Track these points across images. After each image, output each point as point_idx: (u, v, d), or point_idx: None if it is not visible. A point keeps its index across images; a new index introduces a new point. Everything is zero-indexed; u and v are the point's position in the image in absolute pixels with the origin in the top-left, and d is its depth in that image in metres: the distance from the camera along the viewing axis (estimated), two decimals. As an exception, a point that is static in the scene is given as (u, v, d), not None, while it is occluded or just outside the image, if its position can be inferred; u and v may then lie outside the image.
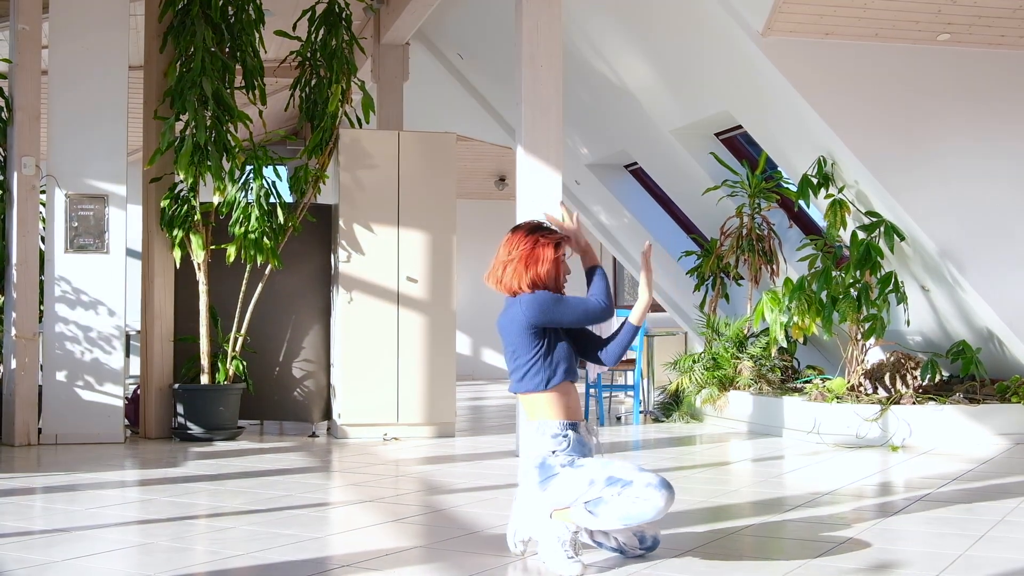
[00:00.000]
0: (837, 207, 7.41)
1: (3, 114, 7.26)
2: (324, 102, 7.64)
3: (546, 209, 3.87)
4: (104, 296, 7.13)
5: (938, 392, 7.25)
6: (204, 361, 7.35)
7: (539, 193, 6.42)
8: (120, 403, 7.12)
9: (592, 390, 8.94)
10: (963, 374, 7.23)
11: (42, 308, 7.15)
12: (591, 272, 3.80)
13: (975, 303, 7.15)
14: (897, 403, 6.94)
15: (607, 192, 10.65)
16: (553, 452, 3.61)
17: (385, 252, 7.47)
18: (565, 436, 3.62)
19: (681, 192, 9.78)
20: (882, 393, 7.13)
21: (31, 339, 6.99)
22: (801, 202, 7.59)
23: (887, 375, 7.19)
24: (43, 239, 7.23)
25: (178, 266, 7.42)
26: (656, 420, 8.73)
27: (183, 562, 3.66)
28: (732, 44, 7.07)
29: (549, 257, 3.70)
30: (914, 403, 6.94)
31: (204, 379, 7.35)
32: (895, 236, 7.15)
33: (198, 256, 7.33)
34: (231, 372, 7.41)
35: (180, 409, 7.25)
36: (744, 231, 8.90)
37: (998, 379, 7.45)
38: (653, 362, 9.19)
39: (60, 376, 7.01)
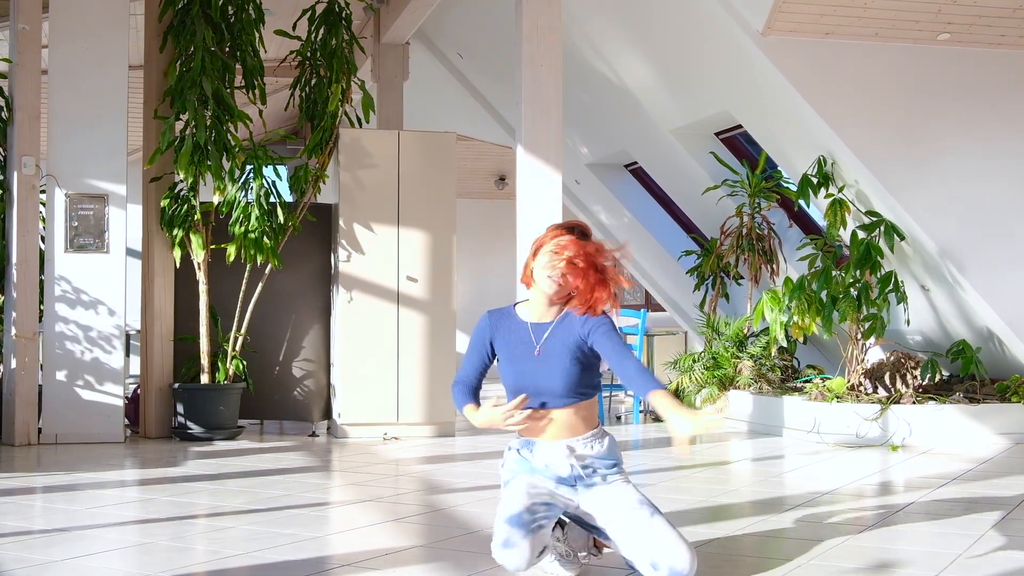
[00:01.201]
0: (837, 207, 7.41)
1: (3, 114, 7.26)
2: (324, 101, 7.64)
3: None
4: (104, 296, 7.13)
5: (938, 392, 7.25)
6: (204, 360, 7.35)
7: (539, 193, 6.42)
8: (120, 403, 7.12)
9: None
10: (963, 374, 7.23)
11: (42, 308, 7.15)
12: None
13: (975, 303, 7.16)
14: (897, 403, 6.94)
15: (607, 192, 10.65)
16: (502, 464, 3.48)
17: (385, 251, 7.47)
18: (507, 450, 3.46)
19: (681, 192, 9.78)
20: (882, 393, 7.13)
21: (31, 339, 6.99)
22: (801, 202, 7.59)
23: (887, 375, 7.19)
24: (43, 239, 7.23)
25: (178, 265, 7.42)
26: (656, 420, 8.73)
27: (183, 562, 3.66)
28: (732, 44, 7.07)
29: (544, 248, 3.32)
30: (914, 403, 6.94)
31: (204, 379, 7.35)
32: (895, 236, 7.15)
33: (198, 255, 7.33)
34: (231, 372, 7.41)
35: (180, 408, 7.25)
36: (744, 231, 8.90)
37: (998, 379, 7.46)
38: (653, 361, 9.19)
39: (60, 376, 7.01)
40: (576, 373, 3.34)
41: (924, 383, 7.18)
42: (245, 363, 7.51)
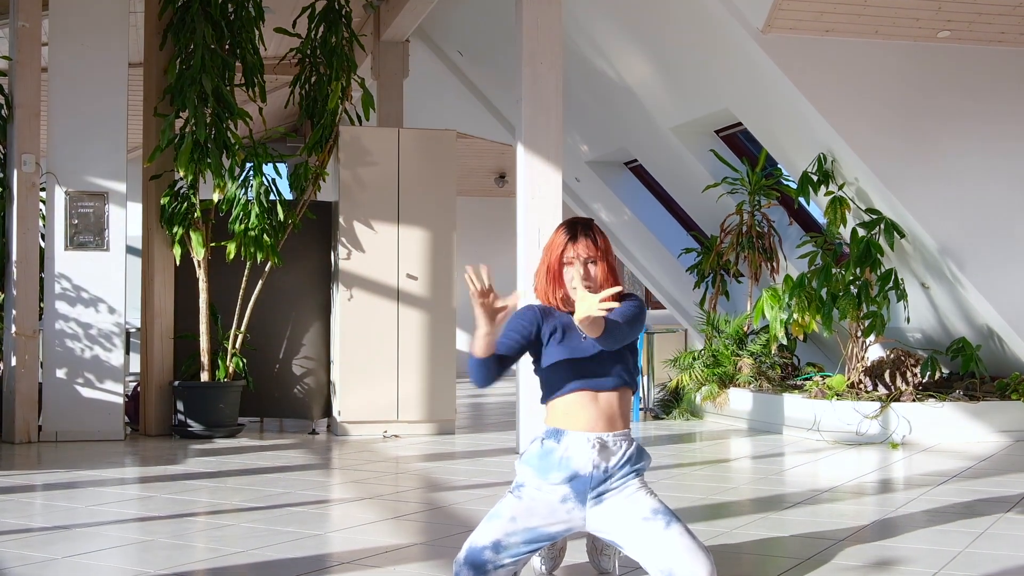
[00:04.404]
0: (837, 204, 7.41)
1: (3, 111, 7.26)
2: (324, 99, 7.64)
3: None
4: (104, 293, 7.13)
5: (938, 389, 7.26)
6: (204, 358, 7.35)
7: (539, 190, 6.42)
8: (120, 400, 7.12)
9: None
10: (963, 371, 7.23)
11: (42, 305, 7.15)
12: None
13: (975, 300, 7.16)
14: (897, 400, 6.94)
15: (607, 189, 10.65)
16: (519, 458, 3.26)
17: (385, 249, 7.47)
18: (532, 442, 3.24)
19: (681, 189, 9.78)
20: (882, 390, 7.13)
21: (31, 336, 6.99)
22: (801, 199, 7.60)
23: (887, 372, 7.20)
24: (43, 236, 7.23)
25: (178, 263, 7.42)
26: (656, 417, 8.73)
27: (183, 559, 3.67)
28: (732, 41, 7.06)
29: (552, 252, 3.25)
30: (914, 400, 6.95)
31: (204, 376, 7.35)
32: (895, 233, 7.15)
33: (198, 253, 7.33)
34: (231, 369, 7.41)
35: (180, 406, 7.25)
36: (744, 228, 8.90)
37: (998, 376, 7.46)
38: (653, 359, 9.19)
39: (60, 373, 7.01)
40: (623, 352, 3.25)
41: (924, 381, 7.18)
42: (245, 361, 7.51)
